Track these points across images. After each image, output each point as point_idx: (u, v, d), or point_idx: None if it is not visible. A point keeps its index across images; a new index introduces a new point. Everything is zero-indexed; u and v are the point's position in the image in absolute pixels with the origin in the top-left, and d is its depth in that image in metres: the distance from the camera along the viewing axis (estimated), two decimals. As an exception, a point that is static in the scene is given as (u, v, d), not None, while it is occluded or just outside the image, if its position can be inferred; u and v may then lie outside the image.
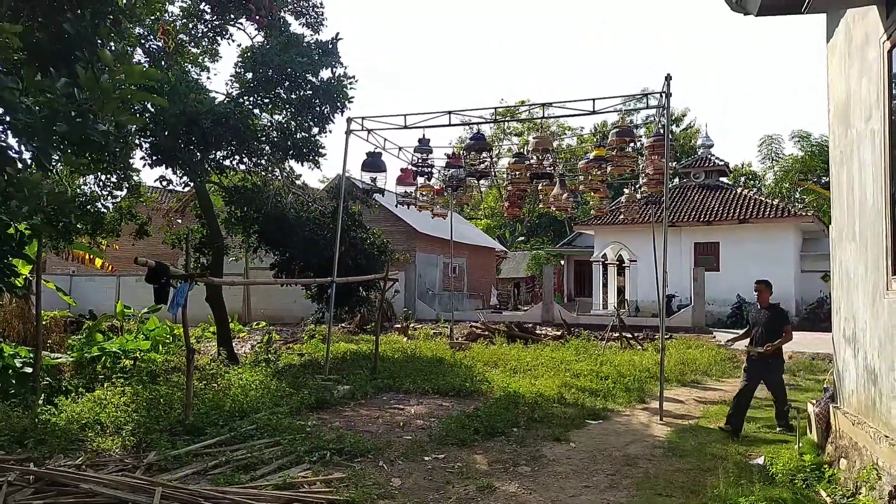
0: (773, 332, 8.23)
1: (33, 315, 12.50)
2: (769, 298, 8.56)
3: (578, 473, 6.54)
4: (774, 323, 8.29)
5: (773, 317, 8.37)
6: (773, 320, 8.32)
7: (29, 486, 5.49)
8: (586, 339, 17.83)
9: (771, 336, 8.20)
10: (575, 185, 16.06)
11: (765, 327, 8.30)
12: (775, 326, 8.26)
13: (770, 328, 8.26)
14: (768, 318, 8.36)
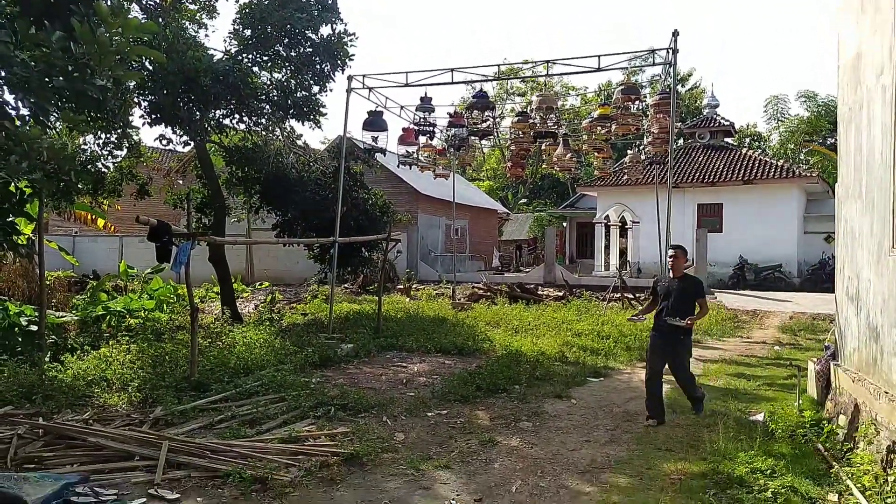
0: (684, 306, 6.73)
1: (37, 274, 12.56)
2: (684, 266, 6.99)
3: (579, 428, 6.62)
4: (687, 296, 6.77)
5: (686, 288, 6.80)
6: (686, 293, 6.77)
7: (39, 440, 5.59)
8: (588, 299, 17.89)
9: (681, 312, 6.70)
10: (578, 146, 15.92)
11: (675, 301, 6.75)
12: (688, 300, 6.77)
13: (681, 302, 6.74)
14: (680, 289, 6.78)
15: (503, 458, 5.63)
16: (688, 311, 6.70)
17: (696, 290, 6.82)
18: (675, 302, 6.73)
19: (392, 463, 5.48)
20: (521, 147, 12.90)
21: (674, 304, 6.72)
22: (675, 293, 6.77)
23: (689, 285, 6.83)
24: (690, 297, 6.77)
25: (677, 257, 6.90)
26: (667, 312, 6.72)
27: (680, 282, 6.84)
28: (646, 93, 32.57)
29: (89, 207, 14.81)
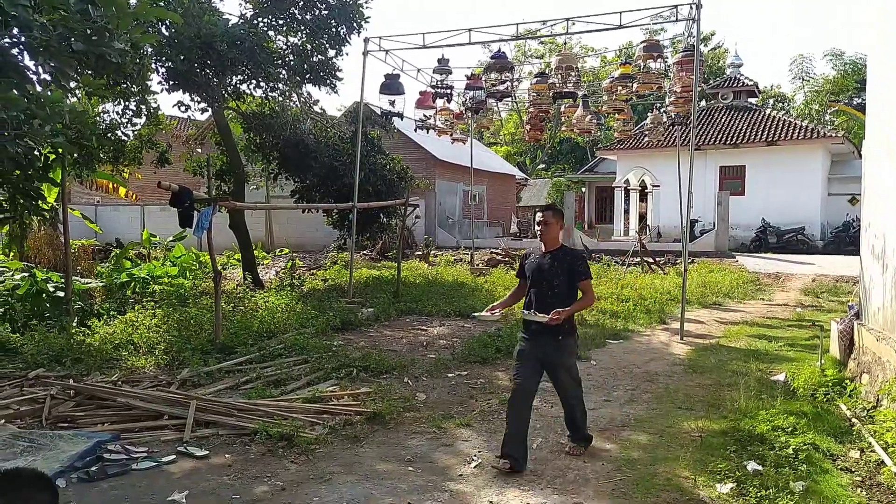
0: (560, 291, 4.66)
1: (62, 242, 12.77)
2: (560, 236, 4.88)
3: (599, 388, 6.66)
4: (563, 276, 4.68)
5: (563, 265, 4.70)
6: (561, 272, 4.68)
7: (70, 400, 5.75)
8: (607, 264, 17.82)
9: (560, 297, 4.62)
10: (598, 108, 15.67)
11: (547, 284, 4.68)
12: (565, 283, 4.68)
13: (555, 286, 4.67)
14: (554, 268, 4.70)
15: (524, 417, 5.67)
16: (566, 297, 4.62)
17: (574, 269, 4.66)
18: (546, 286, 4.65)
19: (414, 421, 5.57)
20: (539, 109, 12.72)
21: (544, 290, 4.65)
22: (547, 273, 4.67)
23: (566, 262, 4.68)
24: (569, 279, 4.64)
25: (547, 223, 4.71)
26: (533, 303, 4.70)
27: (553, 257, 4.72)
28: (667, 53, 31.84)
29: (110, 176, 14.95)
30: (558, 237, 4.83)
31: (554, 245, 4.79)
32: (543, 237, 4.77)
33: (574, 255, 4.87)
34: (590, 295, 4.78)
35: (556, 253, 4.77)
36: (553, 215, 4.80)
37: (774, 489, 4.07)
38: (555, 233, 4.79)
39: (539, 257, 4.82)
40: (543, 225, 4.76)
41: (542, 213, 4.79)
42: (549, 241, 4.78)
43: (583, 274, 4.70)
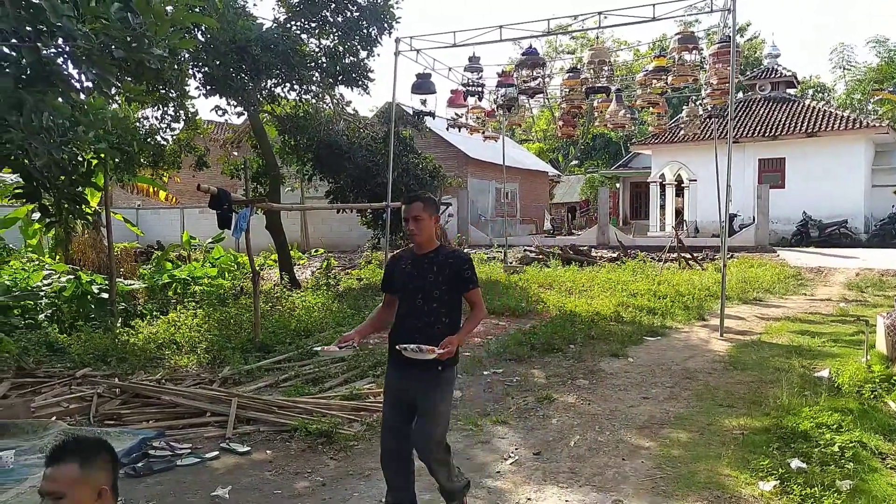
0: (443, 302, 3.50)
1: (105, 245, 13.14)
2: (435, 232, 3.63)
3: (637, 386, 6.59)
4: (447, 284, 3.51)
5: (444, 271, 3.51)
6: (445, 279, 3.50)
7: (116, 398, 5.92)
8: (643, 260, 17.59)
9: (442, 315, 3.48)
10: (632, 102, 15.47)
11: (427, 294, 3.49)
12: (449, 291, 3.52)
13: (437, 296, 3.49)
14: (434, 274, 3.50)
15: (560, 415, 5.66)
16: (450, 314, 3.50)
17: (460, 275, 3.50)
18: (423, 300, 3.47)
19: (451, 419, 5.58)
20: (572, 105, 12.62)
21: (420, 306, 3.47)
22: (424, 283, 3.48)
23: (448, 266, 3.51)
24: (452, 289, 3.51)
25: (418, 219, 3.49)
26: (405, 324, 3.50)
27: (431, 262, 3.53)
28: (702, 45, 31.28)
29: (151, 180, 15.33)
30: (433, 235, 3.59)
31: (430, 246, 3.56)
32: (416, 237, 3.52)
33: (458, 256, 3.57)
34: (480, 309, 3.54)
35: (433, 256, 3.53)
36: (424, 207, 3.52)
37: (820, 487, 3.98)
38: (429, 230, 3.54)
39: (412, 263, 3.56)
40: (413, 222, 3.48)
41: (410, 206, 3.52)
42: (424, 241, 3.54)
43: (470, 282, 3.50)
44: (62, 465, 1.98)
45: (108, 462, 2.06)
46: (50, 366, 7.18)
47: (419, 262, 3.56)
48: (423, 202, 3.58)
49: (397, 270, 3.64)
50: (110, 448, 2.14)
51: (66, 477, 1.96)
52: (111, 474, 2.05)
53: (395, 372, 3.54)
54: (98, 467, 2.01)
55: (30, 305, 9.63)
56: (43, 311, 9.58)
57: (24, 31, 4.67)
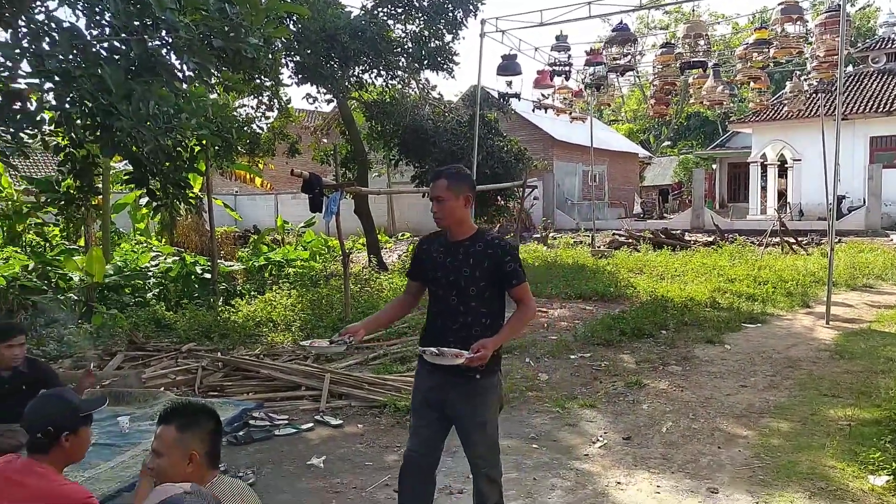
0: (482, 300, 2.92)
1: (207, 229, 13.91)
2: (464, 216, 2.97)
3: (734, 374, 6.30)
4: (486, 279, 2.91)
5: (483, 263, 2.90)
6: (484, 273, 2.90)
7: (219, 371, 6.27)
8: (742, 245, 16.77)
9: (481, 315, 2.92)
10: (730, 78, 14.69)
11: (462, 290, 2.91)
12: (489, 287, 2.93)
13: (475, 293, 2.91)
14: (470, 266, 2.90)
15: (651, 400, 5.51)
16: (490, 315, 2.94)
17: (501, 268, 2.90)
18: (457, 298, 2.91)
19: (537, 401, 5.56)
20: (665, 81, 12.13)
21: (454, 304, 2.91)
22: (458, 277, 2.91)
23: (487, 257, 2.91)
24: (493, 284, 2.93)
25: (442, 199, 2.91)
26: (437, 325, 2.99)
27: (466, 251, 2.93)
28: (807, 16, 29.26)
29: (247, 167, 16.05)
30: (465, 219, 2.94)
31: (463, 231, 2.94)
32: (443, 220, 2.93)
33: (498, 246, 2.92)
34: (528, 307, 2.93)
35: (469, 245, 2.92)
36: (448, 186, 2.89)
37: (941, 485, 3.68)
38: (456, 213, 2.91)
39: (445, 250, 2.97)
40: (437, 203, 2.90)
41: (433, 183, 2.95)
42: (456, 224, 2.93)
43: (514, 276, 2.89)
44: (165, 427, 2.14)
45: (205, 430, 2.15)
46: (158, 340, 7.69)
47: (453, 251, 2.93)
48: (448, 179, 2.91)
49: (428, 257, 3.03)
50: (214, 417, 2.23)
51: (166, 437, 2.11)
52: (206, 442, 2.14)
53: (425, 376, 2.98)
54: (193, 433, 2.12)
55: (139, 284, 10.34)
56: (151, 289, 10.26)
57: (132, 25, 4.97)
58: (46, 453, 2.35)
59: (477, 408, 2.91)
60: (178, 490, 1.67)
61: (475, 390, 2.89)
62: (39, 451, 2.35)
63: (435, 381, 2.93)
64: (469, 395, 2.89)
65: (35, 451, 2.36)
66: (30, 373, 4.20)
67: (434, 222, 2.96)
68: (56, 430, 2.35)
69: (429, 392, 2.97)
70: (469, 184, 2.98)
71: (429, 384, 2.97)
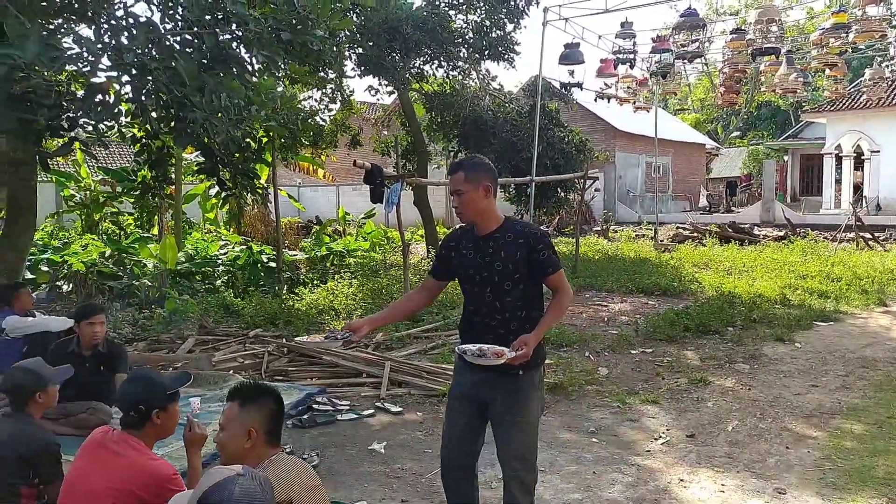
0: (518, 294, 2.78)
1: (271, 219, 14.32)
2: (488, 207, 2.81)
3: (804, 373, 6.07)
4: (521, 269, 2.75)
5: (515, 254, 2.75)
6: (518, 264, 2.74)
7: (284, 356, 6.46)
8: (814, 240, 16.07)
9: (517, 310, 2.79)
10: (805, 65, 14.04)
11: (496, 286, 2.77)
12: (524, 278, 2.77)
13: (509, 286, 2.76)
14: (502, 259, 2.75)
15: (716, 398, 5.36)
16: (527, 308, 2.80)
17: (535, 257, 2.75)
18: (492, 294, 2.79)
19: (596, 395, 5.49)
20: (735, 69, 11.69)
21: (490, 301, 2.79)
22: (492, 272, 2.77)
23: (518, 247, 2.76)
24: (527, 278, 2.78)
25: (459, 192, 2.77)
26: (472, 322, 2.87)
27: (495, 244, 2.79)
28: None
29: (311, 159, 16.39)
30: (489, 210, 2.78)
31: (489, 224, 2.79)
32: (464, 214, 2.80)
33: (529, 234, 2.77)
34: (565, 293, 2.81)
35: (498, 236, 2.77)
36: (466, 178, 2.75)
37: None
38: (478, 205, 2.76)
39: (473, 246, 2.82)
40: (457, 196, 2.76)
41: (450, 176, 2.80)
42: (480, 217, 2.79)
43: (548, 265, 2.74)
44: (230, 403, 2.26)
45: (266, 408, 2.25)
46: (227, 326, 7.97)
47: (482, 246, 2.79)
48: (465, 170, 2.76)
49: (457, 255, 2.87)
50: (276, 398, 2.31)
51: (229, 413, 2.23)
52: (266, 420, 2.22)
53: (465, 372, 2.84)
54: (254, 410, 2.21)
55: (209, 272, 10.74)
56: (220, 277, 10.65)
57: (204, 20, 5.14)
58: (139, 429, 2.50)
59: (518, 405, 2.76)
60: (230, 472, 1.72)
61: (517, 387, 2.76)
62: (133, 427, 2.51)
63: (476, 377, 2.79)
64: (511, 391, 2.76)
65: (129, 427, 2.51)
66: (108, 352, 4.45)
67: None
68: (147, 408, 2.50)
69: (469, 388, 2.84)
70: (488, 172, 2.81)
71: (469, 380, 2.83)
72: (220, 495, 1.65)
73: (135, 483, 2.39)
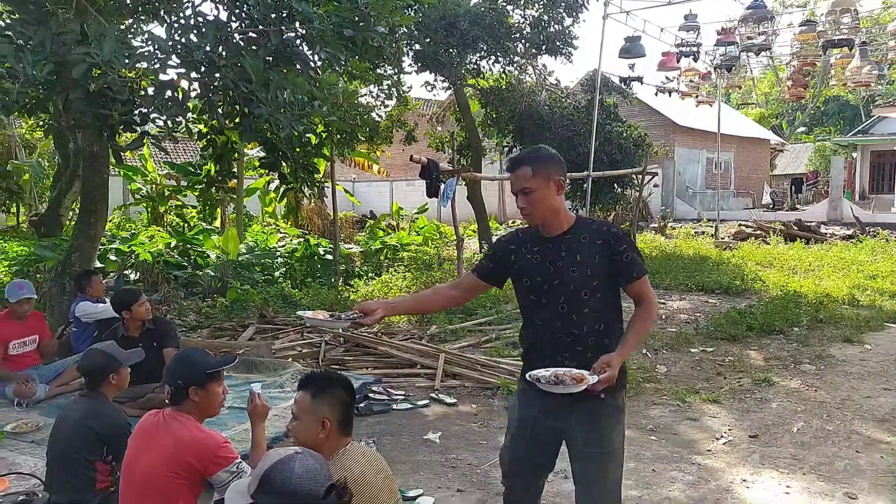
0: (596, 304, 2.40)
1: (328, 213, 14.57)
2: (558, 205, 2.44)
3: (875, 376, 5.81)
4: (599, 276, 2.40)
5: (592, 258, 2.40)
6: (596, 270, 2.40)
7: (341, 346, 6.58)
8: (885, 239, 15.33)
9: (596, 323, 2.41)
10: (879, 57, 13.38)
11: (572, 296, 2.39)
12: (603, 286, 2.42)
13: (587, 296, 2.39)
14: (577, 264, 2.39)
15: (781, 399, 5.19)
16: (608, 321, 2.45)
17: (614, 262, 2.41)
18: (567, 306, 2.40)
19: (655, 393, 5.40)
20: (805, 62, 11.25)
21: (565, 315, 2.41)
22: (565, 279, 2.40)
23: (596, 251, 2.41)
24: (606, 285, 2.44)
25: (527, 191, 2.41)
26: (543, 340, 2.46)
27: (568, 245, 2.43)
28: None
29: (366, 154, 16.61)
30: (558, 208, 2.44)
31: (560, 224, 2.44)
32: (534, 216, 2.44)
33: (607, 233, 2.43)
34: (651, 304, 2.43)
35: (570, 237, 2.43)
36: (535, 173, 2.40)
37: None
38: (554, 201, 2.42)
39: (539, 249, 2.47)
40: (524, 196, 2.41)
41: (513, 172, 2.44)
42: (552, 217, 2.44)
43: (632, 268, 2.40)
44: (302, 393, 2.26)
45: (337, 398, 2.24)
46: (285, 315, 8.17)
47: (552, 249, 2.43)
48: (532, 164, 2.41)
49: (519, 259, 2.50)
50: (348, 387, 2.32)
51: (301, 403, 2.23)
52: (338, 410, 2.22)
53: (533, 397, 2.41)
54: (325, 401, 2.21)
55: (268, 263, 11.02)
56: (278, 268, 10.91)
57: (269, 18, 5.28)
58: (179, 404, 2.64)
59: (603, 435, 2.37)
60: (289, 452, 1.78)
61: (601, 413, 2.36)
62: (175, 403, 2.65)
63: (547, 404, 2.37)
64: (594, 419, 2.36)
65: (172, 403, 2.66)
66: (156, 328, 4.68)
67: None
68: (185, 384, 2.62)
69: (540, 418, 2.42)
70: (557, 165, 2.44)
71: (539, 408, 2.41)
72: (282, 474, 1.71)
73: (187, 453, 2.50)
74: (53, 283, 6.76)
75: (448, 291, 2.80)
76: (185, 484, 2.50)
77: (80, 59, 4.23)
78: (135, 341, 4.44)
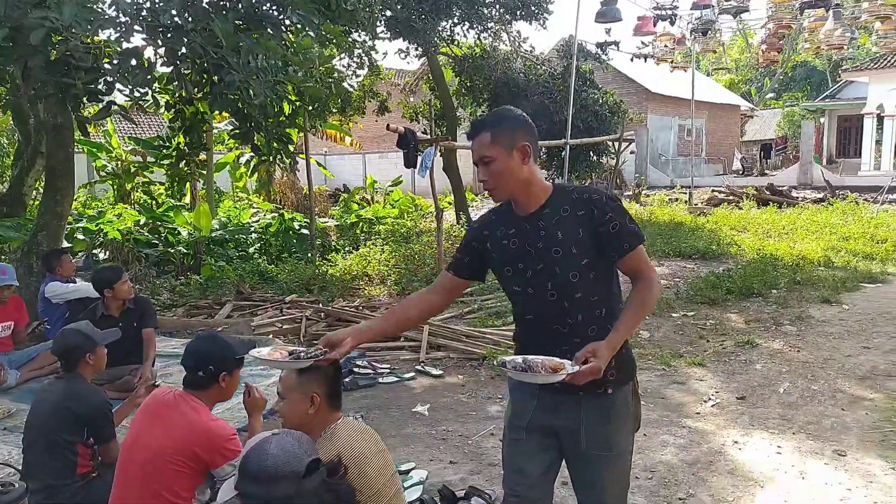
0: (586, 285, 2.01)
1: (301, 187, 14.32)
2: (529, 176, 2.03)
3: (855, 335, 5.90)
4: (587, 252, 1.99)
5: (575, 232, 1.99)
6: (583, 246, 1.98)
7: (321, 321, 6.47)
8: (854, 202, 15.59)
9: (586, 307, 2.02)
10: (851, 20, 13.41)
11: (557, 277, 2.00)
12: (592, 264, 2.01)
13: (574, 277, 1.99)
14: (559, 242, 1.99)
15: (765, 361, 5.24)
16: (599, 303, 2.05)
17: (603, 233, 1.99)
18: (556, 294, 2.03)
19: (640, 358, 5.38)
20: (780, 24, 11.21)
21: (549, 299, 2.04)
22: (546, 263, 2.02)
23: (580, 223, 2.00)
24: (597, 260, 2.02)
25: (487, 160, 2.00)
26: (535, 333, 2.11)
27: (547, 223, 2.03)
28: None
29: (338, 126, 16.29)
30: (530, 179, 2.04)
31: (535, 197, 2.06)
32: (497, 190, 2.05)
33: (592, 201, 2.02)
34: (650, 282, 2.04)
35: (548, 212, 2.05)
36: (495, 139, 2.00)
37: None
38: (521, 172, 2.02)
39: (517, 230, 2.09)
40: (483, 166, 2.03)
41: (474, 139, 2.05)
42: (520, 191, 2.05)
43: (624, 236, 2.00)
44: (286, 371, 2.15)
45: (324, 371, 2.15)
46: (263, 291, 8.01)
47: (530, 229, 2.05)
48: (492, 129, 2.01)
49: (494, 246, 2.13)
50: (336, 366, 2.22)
51: (287, 381, 2.14)
52: (326, 384, 2.14)
53: (529, 392, 2.11)
54: (312, 376, 2.12)
55: (242, 239, 10.78)
56: (253, 244, 10.68)
57: (238, -21, 5.03)
58: (203, 390, 2.48)
59: (609, 435, 2.06)
60: (265, 434, 1.70)
61: (606, 409, 2.05)
62: (196, 388, 2.48)
63: (544, 402, 2.09)
64: (598, 416, 2.04)
65: (192, 387, 2.48)
66: (136, 307, 4.51)
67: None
68: (217, 370, 2.47)
69: (536, 415, 2.11)
70: (523, 128, 2.03)
71: (533, 405, 2.11)
72: (258, 457, 1.62)
73: (194, 442, 2.38)
74: (20, 264, 6.49)
75: (425, 298, 2.33)
76: (186, 473, 2.38)
77: (38, 23, 3.97)
78: (115, 321, 4.27)
